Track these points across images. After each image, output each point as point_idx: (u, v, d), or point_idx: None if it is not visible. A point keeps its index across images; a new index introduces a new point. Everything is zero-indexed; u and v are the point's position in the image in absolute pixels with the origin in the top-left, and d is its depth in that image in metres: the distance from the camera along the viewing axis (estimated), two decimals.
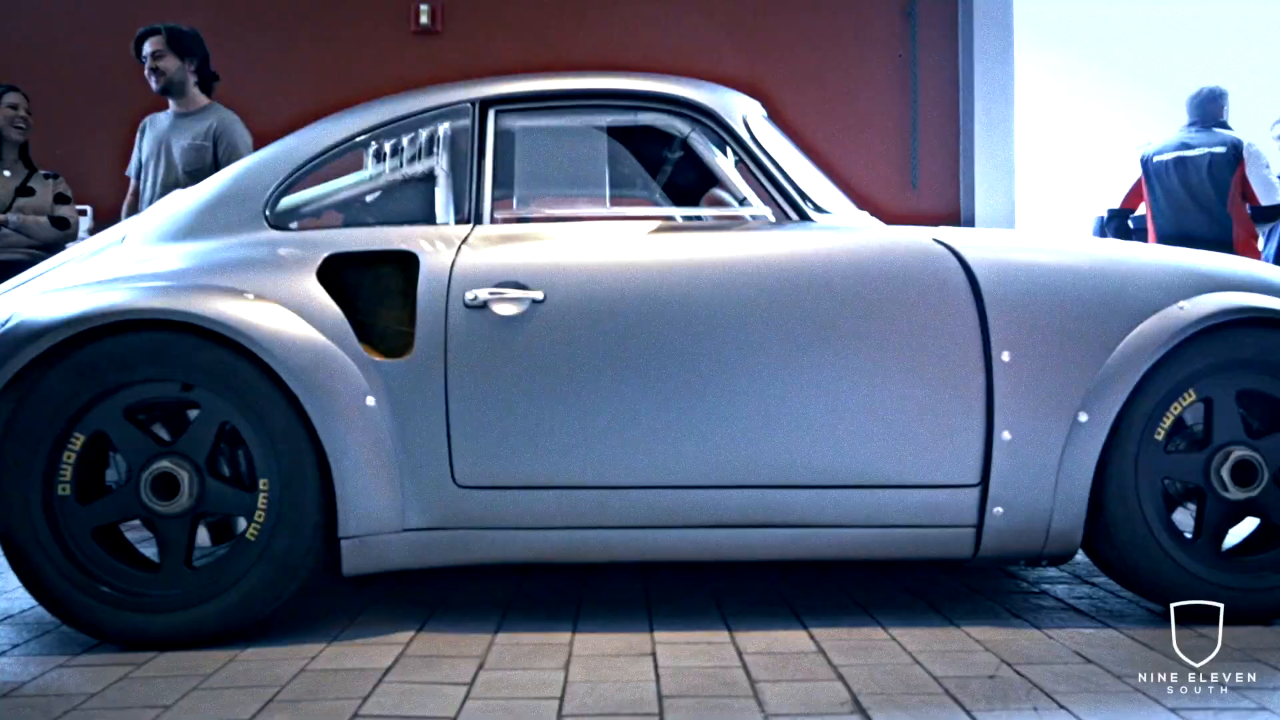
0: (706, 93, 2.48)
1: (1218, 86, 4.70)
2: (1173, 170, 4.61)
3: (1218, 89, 4.69)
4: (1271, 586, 2.20)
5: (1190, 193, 4.58)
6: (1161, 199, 4.64)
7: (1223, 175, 4.54)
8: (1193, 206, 4.57)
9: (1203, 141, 4.60)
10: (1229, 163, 4.54)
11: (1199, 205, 4.56)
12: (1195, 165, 4.57)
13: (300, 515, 2.11)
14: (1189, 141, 4.63)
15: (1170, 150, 4.65)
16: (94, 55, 5.08)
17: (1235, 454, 2.22)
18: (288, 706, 1.74)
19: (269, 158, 2.47)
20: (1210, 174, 4.55)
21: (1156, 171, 4.65)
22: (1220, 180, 4.54)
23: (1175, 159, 4.62)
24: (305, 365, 2.11)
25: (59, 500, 2.11)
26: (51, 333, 2.10)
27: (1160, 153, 4.67)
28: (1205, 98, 4.70)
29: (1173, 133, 4.73)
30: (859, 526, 2.21)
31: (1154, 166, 4.66)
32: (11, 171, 3.75)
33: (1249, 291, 2.25)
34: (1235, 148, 4.56)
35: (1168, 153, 4.66)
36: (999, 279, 2.23)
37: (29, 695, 1.82)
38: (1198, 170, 4.56)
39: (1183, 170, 4.59)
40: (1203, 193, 4.55)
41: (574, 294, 2.20)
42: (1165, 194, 4.63)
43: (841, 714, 1.68)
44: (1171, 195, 4.61)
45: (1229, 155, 4.54)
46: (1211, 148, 4.57)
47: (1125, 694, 1.77)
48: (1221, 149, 4.56)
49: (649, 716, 1.67)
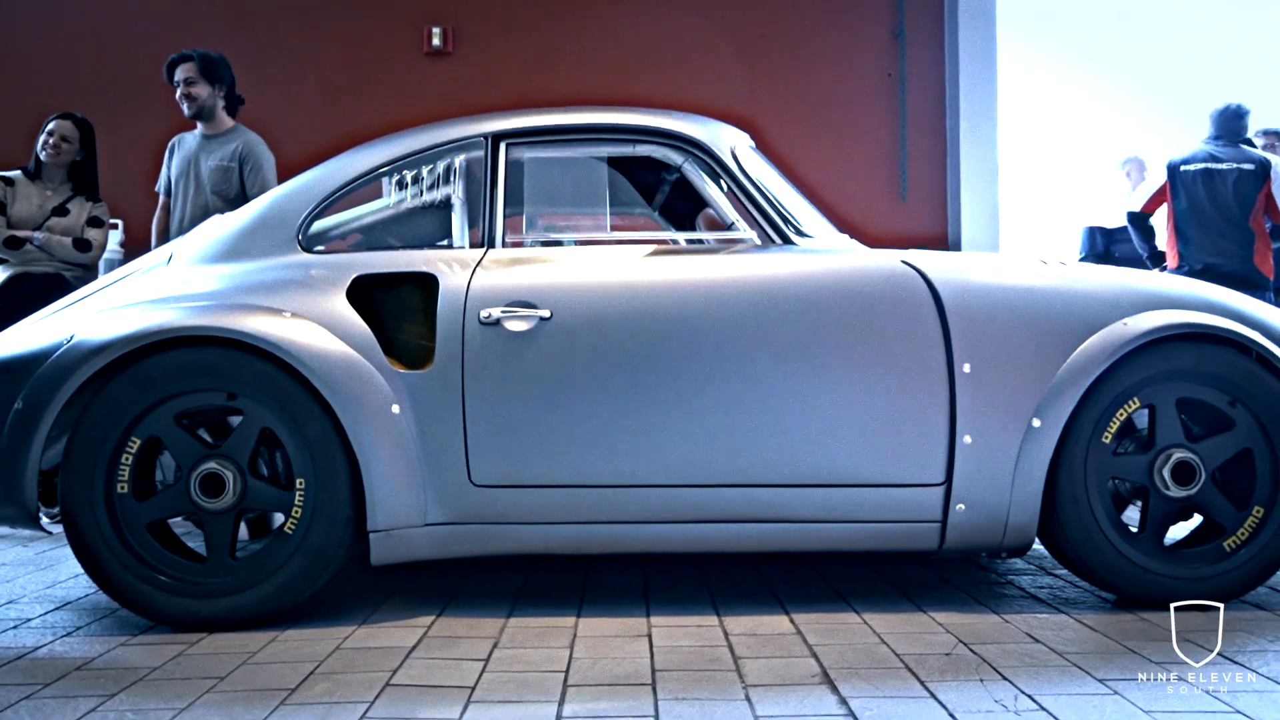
0: (698, 126, 2.73)
1: (1242, 105, 4.88)
2: (1200, 181, 4.75)
3: (1243, 107, 4.87)
4: (1204, 576, 2.43)
5: (1216, 205, 4.73)
6: (1186, 208, 4.77)
7: (1249, 191, 4.73)
8: (1217, 218, 4.74)
9: (1231, 157, 4.76)
10: (1257, 180, 4.74)
11: (1224, 217, 4.73)
12: (1223, 179, 4.74)
13: (333, 511, 2.36)
14: (1217, 155, 4.78)
15: (1199, 161, 4.79)
16: (126, 75, 5.34)
17: (1175, 456, 2.45)
18: (327, 678, 1.98)
19: (301, 186, 2.72)
20: (1237, 189, 4.73)
21: (1184, 181, 4.77)
22: (1246, 196, 4.74)
23: (1203, 170, 4.76)
24: (338, 377, 2.36)
25: (119, 497, 2.36)
26: (113, 348, 2.35)
27: (1188, 162, 4.80)
28: (1232, 115, 4.86)
29: (1195, 143, 4.87)
30: (836, 522, 2.45)
31: (1182, 176, 4.78)
32: (53, 191, 4.00)
33: (1188, 309, 2.48)
34: (1264, 166, 4.76)
35: (1196, 163, 4.79)
36: (961, 297, 2.46)
37: (99, 669, 2.07)
38: (1225, 184, 4.73)
39: (1210, 182, 4.74)
40: (1228, 206, 4.72)
41: (578, 312, 2.45)
42: (1190, 203, 4.76)
43: (812, 685, 1.92)
44: (1197, 205, 4.75)
45: (1257, 173, 4.74)
46: (1240, 164, 4.75)
47: (1063, 668, 2.01)
48: (1250, 166, 4.75)
49: (644, 687, 1.91)
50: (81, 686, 1.95)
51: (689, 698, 1.84)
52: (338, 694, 1.88)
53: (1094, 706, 1.77)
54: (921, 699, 1.82)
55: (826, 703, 1.81)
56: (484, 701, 1.83)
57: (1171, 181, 4.83)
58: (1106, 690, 1.86)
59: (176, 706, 1.82)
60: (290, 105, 5.11)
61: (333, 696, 1.86)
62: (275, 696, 1.87)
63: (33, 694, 1.91)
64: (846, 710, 1.77)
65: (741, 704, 1.80)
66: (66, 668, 2.08)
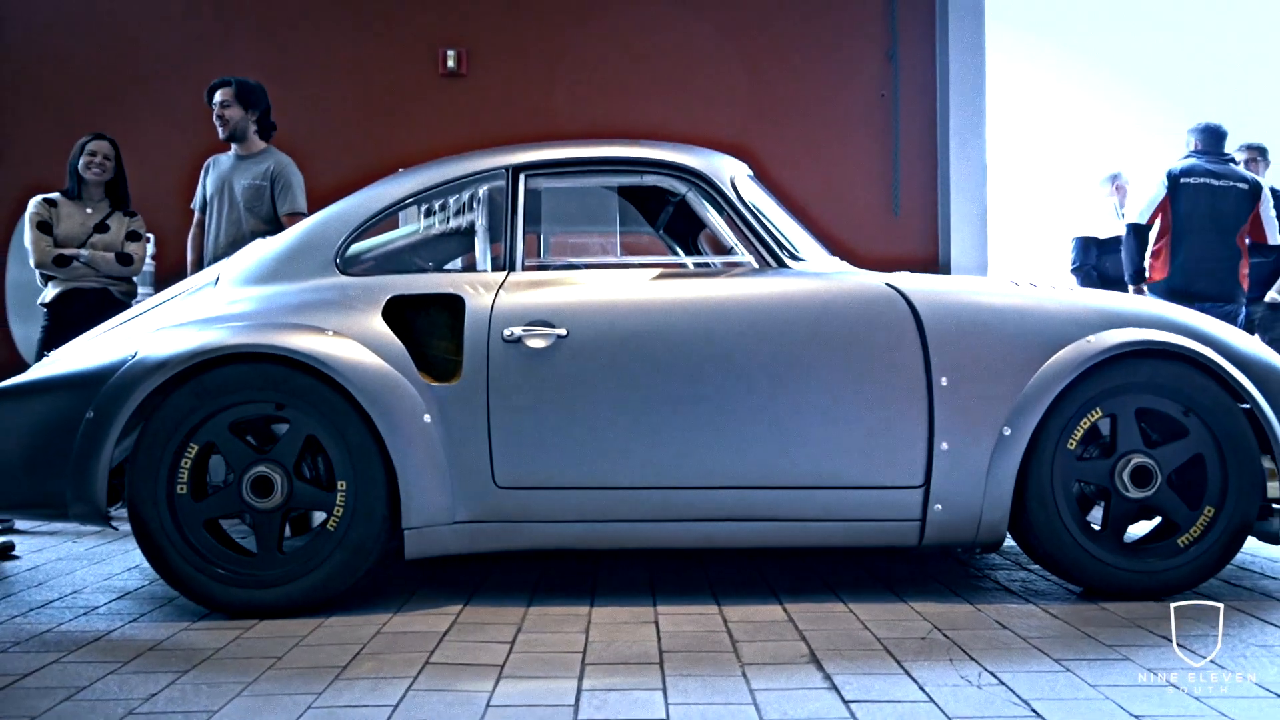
0: (700, 159, 2.98)
1: (1222, 125, 5.09)
2: (1203, 196, 4.89)
3: (1223, 127, 5.07)
4: (1158, 570, 2.68)
5: (1214, 220, 4.89)
6: (1186, 220, 4.90)
7: (1243, 209, 4.91)
8: (1213, 232, 4.87)
9: (1228, 174, 4.94)
10: (1251, 200, 4.93)
11: (1220, 232, 4.88)
12: (1223, 195, 4.90)
13: (371, 510, 2.62)
14: (1215, 171, 4.94)
15: (1199, 175, 4.93)
16: (162, 98, 5.61)
17: (1134, 461, 2.70)
18: (373, 657, 2.24)
19: (338, 213, 2.98)
20: (1232, 206, 4.91)
21: (1186, 193, 4.90)
22: (1241, 214, 4.92)
23: (1203, 185, 4.90)
24: (375, 389, 2.62)
25: (179, 497, 2.62)
26: (172, 364, 2.61)
27: (1188, 174, 4.93)
28: (1216, 133, 5.00)
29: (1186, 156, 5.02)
30: (825, 520, 2.70)
31: (1184, 188, 4.90)
32: (94, 209, 4.26)
33: (1146, 327, 2.73)
34: (1256, 187, 4.96)
35: (1196, 177, 4.92)
36: (939, 317, 2.72)
37: (169, 649, 2.33)
38: (1222, 200, 4.89)
39: (1211, 197, 4.89)
40: (1225, 223, 4.89)
41: (591, 330, 2.70)
42: (1190, 216, 4.89)
43: (801, 664, 2.17)
44: (1196, 218, 4.89)
45: (1251, 193, 4.94)
46: (1236, 183, 4.93)
47: (1025, 650, 2.26)
48: (1244, 185, 4.93)
49: (652, 665, 2.17)
50: (156, 664, 2.21)
51: (692, 674, 2.09)
52: (384, 671, 2.14)
53: (1047, 682, 2.03)
54: (897, 675, 2.08)
55: (813, 679, 2.06)
56: (513, 677, 2.09)
57: (1173, 193, 4.92)
58: (1060, 668, 2.12)
59: (244, 680, 2.08)
60: (314, 126, 5.37)
61: (380, 673, 2.12)
62: (329, 673, 2.13)
63: (115, 670, 2.17)
64: (830, 685, 2.02)
65: (739, 680, 2.06)
66: (140, 648, 2.34)
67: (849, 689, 1.99)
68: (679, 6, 5.57)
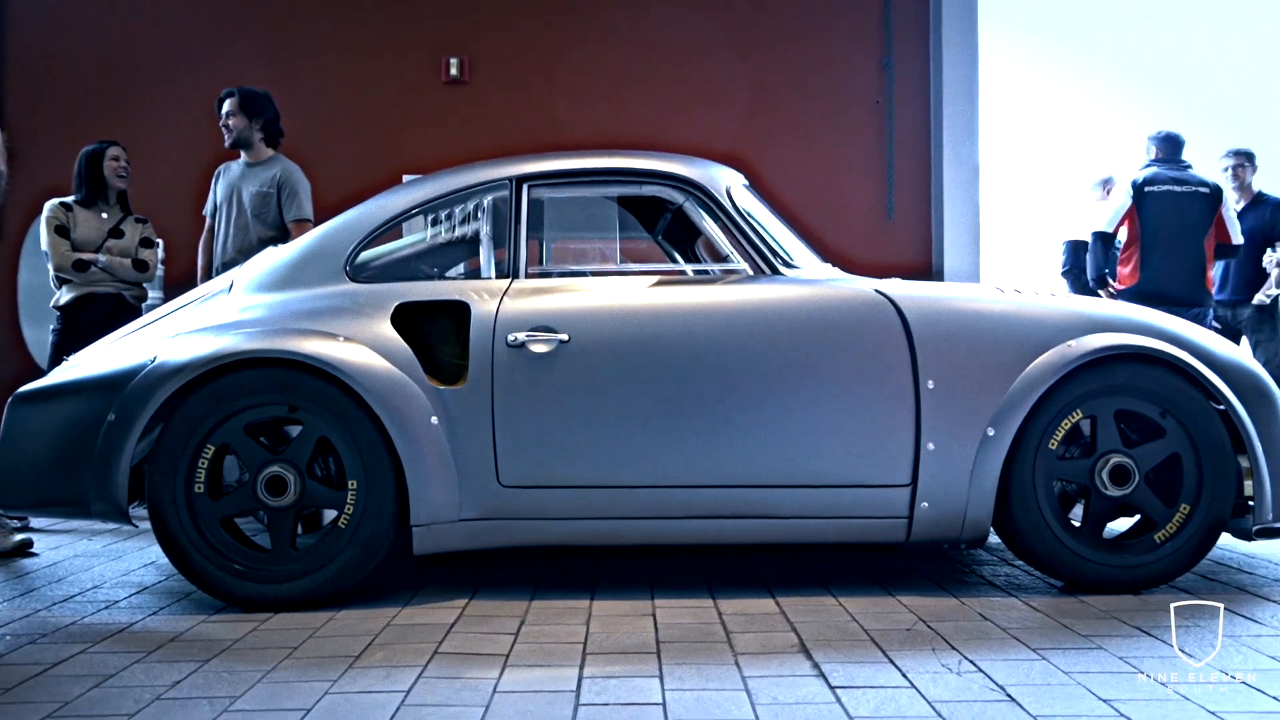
0: (697, 169, 3.09)
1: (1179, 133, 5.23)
2: (1168, 202, 5.03)
3: (1181, 136, 5.22)
4: (1134, 565, 2.80)
5: (1179, 225, 5.02)
6: (1153, 227, 5.03)
7: (1207, 214, 5.07)
8: (1178, 238, 5.02)
9: (1189, 180, 5.08)
10: (1213, 204, 5.08)
11: (1184, 237, 5.03)
12: (1187, 201, 5.04)
13: (381, 508, 2.74)
14: (1177, 178, 5.08)
15: (1162, 183, 5.06)
16: (171, 106, 5.72)
17: (1113, 460, 2.82)
18: (384, 647, 2.36)
19: (347, 222, 3.09)
20: (1196, 211, 5.05)
21: (1151, 200, 5.03)
22: (1205, 218, 5.07)
23: (1167, 192, 5.04)
24: (385, 392, 2.73)
25: (196, 496, 2.74)
26: (190, 369, 2.72)
27: (1151, 182, 5.06)
28: (1177, 142, 5.16)
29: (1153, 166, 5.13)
30: (816, 518, 2.82)
31: (1149, 196, 5.04)
32: (108, 214, 4.37)
33: (1125, 332, 2.85)
34: (1217, 191, 5.10)
35: (1160, 184, 5.06)
36: (926, 322, 2.83)
37: (190, 640, 2.45)
38: (1186, 206, 5.03)
39: (1176, 204, 5.02)
40: (1191, 226, 5.03)
41: (592, 335, 2.82)
42: (1157, 223, 5.02)
43: (791, 653, 2.29)
44: (1162, 225, 5.02)
45: (1212, 197, 5.08)
46: (1198, 188, 5.07)
47: (1004, 640, 2.37)
48: (1206, 190, 5.07)
49: (650, 654, 2.28)
50: (179, 654, 2.33)
51: (688, 663, 2.21)
52: (395, 660, 2.25)
53: (1023, 669, 2.14)
54: (881, 664, 2.19)
55: (802, 667, 2.18)
56: (518, 665, 2.21)
57: (1138, 201, 5.07)
58: (1037, 657, 2.23)
59: (263, 668, 2.19)
60: (317, 133, 5.47)
61: (391, 662, 2.24)
62: (343, 662, 2.24)
63: (140, 659, 2.28)
64: (818, 672, 2.14)
65: (731, 668, 2.17)
66: (162, 639, 2.45)
67: (835, 676, 2.11)
68: (679, 18, 5.68)
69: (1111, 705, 1.91)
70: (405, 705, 1.95)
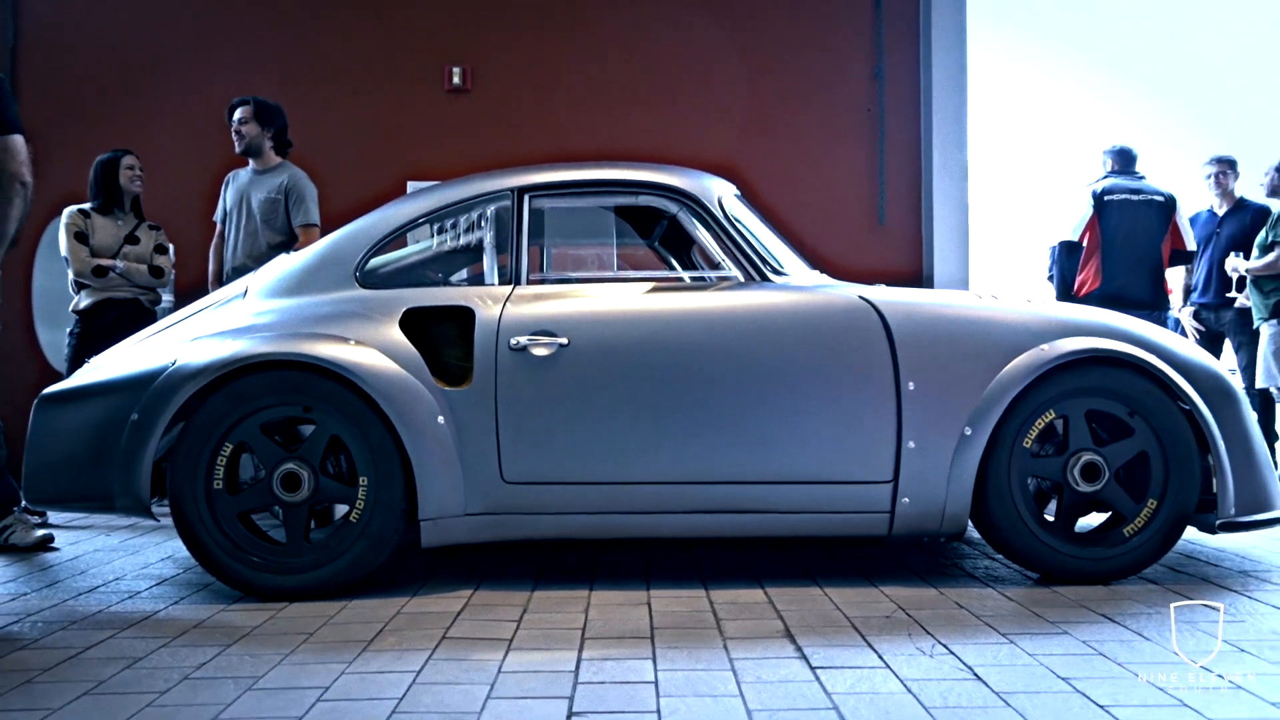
0: (690, 180, 3.25)
1: (1132, 147, 5.46)
2: (1127, 210, 5.28)
3: (1134, 150, 5.45)
4: (1104, 557, 2.95)
5: (1140, 233, 5.26)
6: (1113, 235, 5.26)
7: (1163, 221, 5.31)
8: (1137, 244, 5.26)
9: (1144, 190, 5.32)
10: (1168, 212, 5.33)
11: (1143, 244, 5.26)
12: (1144, 209, 5.29)
13: (391, 503, 2.89)
14: (1136, 188, 5.32)
15: (1121, 192, 5.31)
16: (180, 114, 5.87)
17: (1084, 458, 2.97)
18: (395, 633, 2.51)
19: (357, 231, 3.24)
20: (1153, 219, 5.29)
21: (1111, 209, 5.27)
22: (1161, 225, 5.31)
23: (1125, 201, 5.28)
24: (394, 393, 2.89)
25: (215, 492, 2.89)
26: (209, 371, 2.88)
27: (1110, 192, 5.30)
28: (1130, 156, 5.45)
29: (1110, 177, 5.38)
30: (803, 512, 2.97)
31: (1109, 205, 5.27)
32: (124, 221, 4.53)
33: (1096, 336, 3.00)
34: (1171, 200, 5.34)
35: (1119, 194, 5.30)
36: (907, 326, 2.98)
37: (211, 627, 2.60)
38: (1143, 214, 5.27)
39: (1133, 212, 5.27)
40: (1150, 234, 5.27)
41: (591, 339, 2.97)
42: (1116, 230, 5.25)
43: (776, 638, 2.44)
44: (1121, 232, 5.25)
45: (1167, 205, 5.33)
46: (1153, 197, 5.31)
47: (977, 626, 2.53)
48: (1161, 199, 5.32)
49: (644, 639, 2.44)
50: (202, 639, 2.48)
51: (679, 647, 2.36)
52: (405, 645, 2.41)
53: (991, 652, 2.29)
54: (860, 647, 2.35)
55: (786, 650, 2.33)
56: (521, 649, 2.36)
57: (1099, 210, 5.30)
58: (1006, 641, 2.38)
59: (283, 652, 2.35)
60: (321, 141, 5.62)
61: (402, 646, 2.39)
62: (357, 646, 2.39)
63: (166, 644, 2.44)
64: (801, 655, 2.29)
65: (720, 651, 2.33)
66: (185, 626, 2.61)
67: (816, 658, 2.26)
68: (676, 28, 5.84)
69: (1069, 683, 2.06)
70: (416, 684, 2.10)
